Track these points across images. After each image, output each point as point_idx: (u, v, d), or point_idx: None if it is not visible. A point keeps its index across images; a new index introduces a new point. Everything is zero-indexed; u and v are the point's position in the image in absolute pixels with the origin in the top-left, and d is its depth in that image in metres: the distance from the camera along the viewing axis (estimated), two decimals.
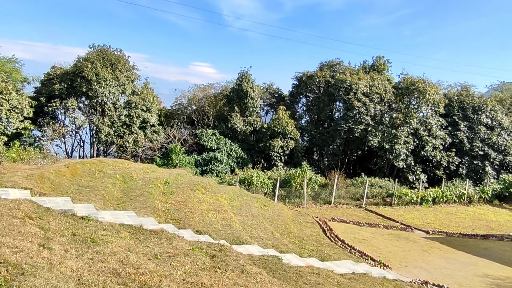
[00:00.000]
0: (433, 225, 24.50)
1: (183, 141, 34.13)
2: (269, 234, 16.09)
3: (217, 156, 30.55)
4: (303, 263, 13.10)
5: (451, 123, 37.49)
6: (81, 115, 30.96)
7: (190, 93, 38.15)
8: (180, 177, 21.63)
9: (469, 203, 30.97)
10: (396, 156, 33.52)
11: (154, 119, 32.07)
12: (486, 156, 36.25)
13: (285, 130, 33.00)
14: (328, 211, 25.97)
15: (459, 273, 16.29)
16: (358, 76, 35.90)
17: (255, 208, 20.62)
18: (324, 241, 18.28)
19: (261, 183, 27.41)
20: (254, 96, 34.78)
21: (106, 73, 30.27)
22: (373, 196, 29.89)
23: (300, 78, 38.59)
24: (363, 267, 14.64)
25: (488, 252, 19.64)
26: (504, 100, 42.44)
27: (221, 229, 14.54)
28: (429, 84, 36.12)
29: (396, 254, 18.10)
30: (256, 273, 9.66)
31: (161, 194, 16.87)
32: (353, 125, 34.15)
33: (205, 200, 18.72)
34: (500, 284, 15.45)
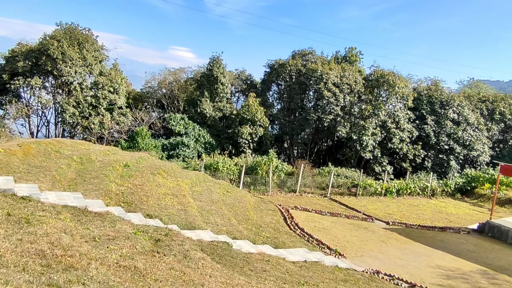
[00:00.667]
0: (395, 216, 24.86)
1: (152, 124, 33.64)
2: (226, 220, 16.00)
3: (185, 141, 30.23)
4: (255, 250, 13.08)
5: (419, 116, 38.01)
6: (45, 94, 30.13)
7: (161, 76, 37.54)
8: (142, 160, 21.28)
9: (432, 196, 31.55)
10: (363, 147, 33.82)
11: (121, 101, 31.47)
12: (451, 151, 36.95)
13: (254, 117, 32.86)
14: (292, 199, 26.04)
15: (412, 264, 16.57)
16: (330, 66, 35.94)
17: (216, 194, 20.47)
18: (283, 229, 18.31)
19: (227, 169, 27.26)
20: (225, 81, 34.46)
21: (72, 52, 29.46)
22: (339, 186, 30.13)
23: (272, 66, 38.42)
24: (316, 256, 14.73)
25: (443, 244, 20.04)
26: (472, 96, 43.25)
27: (176, 213, 14.38)
28: (399, 77, 36.46)
29: (354, 244, 18.28)
30: (199, 259, 9.55)
31: (118, 177, 16.55)
32: (323, 115, 34.25)
33: (165, 184, 18.48)
34: (450, 275, 15.78)
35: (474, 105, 41.77)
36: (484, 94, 45.46)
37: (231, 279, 8.64)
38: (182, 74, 38.31)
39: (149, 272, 7.39)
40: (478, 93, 45.77)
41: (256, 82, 40.13)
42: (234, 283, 8.41)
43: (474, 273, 16.30)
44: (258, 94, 37.13)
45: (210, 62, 34.51)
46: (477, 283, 15.15)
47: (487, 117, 42.41)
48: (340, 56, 40.78)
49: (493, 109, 42.64)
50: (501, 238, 21.67)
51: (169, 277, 7.44)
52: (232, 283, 8.37)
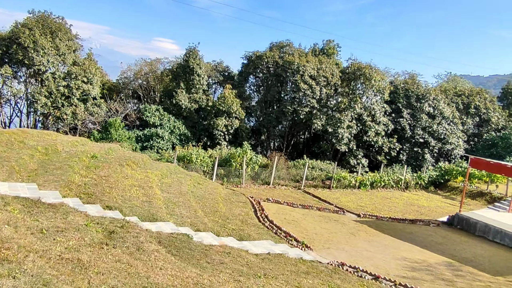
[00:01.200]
0: (366, 208, 25.02)
1: (127, 116, 33.20)
2: (192, 212, 15.85)
3: (159, 132, 29.89)
4: (217, 242, 12.98)
5: (395, 110, 38.26)
6: (17, 84, 29.41)
7: (137, 67, 37.03)
8: (111, 151, 20.94)
9: (405, 189, 31.84)
10: (339, 140, 33.92)
11: (95, 92, 30.90)
12: (426, 144, 37.32)
13: (230, 109, 32.64)
14: (265, 192, 25.99)
15: (379, 256, 16.67)
16: (307, 58, 35.84)
17: (186, 186, 20.29)
18: (252, 221, 18.24)
19: (200, 161, 27.05)
20: (201, 73, 34.12)
21: (45, 41, 28.76)
22: (313, 178, 30.19)
23: (250, 57, 38.16)
24: (281, 248, 14.70)
25: (412, 236, 20.23)
26: (448, 90, 43.69)
27: (139, 205, 14.18)
28: (375, 70, 36.59)
29: (322, 236, 18.32)
30: (153, 251, 9.40)
31: (84, 168, 16.25)
32: (299, 107, 34.21)
33: (133, 176, 18.23)
34: (415, 267, 15.93)
35: (450, 99, 42.23)
36: (460, 88, 45.99)
37: (182, 272, 8.51)
38: (159, 65, 37.85)
39: (93, 265, 7.22)
40: (455, 87, 46.26)
41: (233, 74, 39.85)
42: (185, 276, 8.29)
43: (439, 265, 16.50)
44: (235, 86, 36.88)
45: (186, 53, 34.11)
46: (441, 275, 15.32)
47: (462, 111, 42.93)
48: (318, 48, 40.73)
49: (469, 103, 43.19)
50: (469, 230, 21.97)
51: (113, 270, 7.27)
52: (183, 276, 8.24)
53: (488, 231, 21.06)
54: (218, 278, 9.16)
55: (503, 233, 20.41)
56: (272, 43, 39.42)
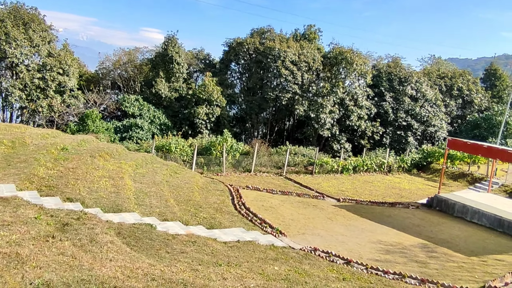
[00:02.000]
0: (347, 193, 24.92)
1: (106, 107, 32.74)
2: (162, 202, 15.59)
3: (138, 122, 29.48)
4: (184, 231, 12.76)
5: (378, 93, 38.08)
6: None
7: (115, 56, 36.42)
8: (84, 143, 20.59)
9: (388, 172, 31.79)
10: (321, 125, 33.71)
11: (72, 83, 30.33)
12: (409, 127, 37.24)
13: (210, 97, 32.24)
14: (246, 179, 25.78)
15: (354, 240, 16.56)
16: (288, 44, 35.45)
17: (162, 176, 20.02)
18: (227, 209, 18.03)
19: (180, 150, 26.75)
20: (180, 61, 33.61)
21: (17, 32, 28.09)
22: (295, 164, 30.02)
23: (231, 44, 37.68)
24: (252, 235, 14.52)
25: (390, 219, 20.15)
26: (432, 73, 43.53)
27: (105, 196, 13.89)
28: (357, 54, 36.31)
29: (299, 222, 18.16)
30: (106, 242, 9.15)
31: (52, 161, 15.89)
32: (280, 94, 33.91)
33: (105, 167, 17.91)
34: (389, 249, 15.84)
35: (433, 82, 42.08)
36: (443, 71, 45.86)
37: (133, 263, 8.27)
38: (137, 54, 37.27)
39: (32, 259, 6.95)
40: (438, 69, 46.10)
41: (215, 62, 39.37)
42: (135, 267, 8.04)
43: (414, 247, 16.42)
44: (216, 73, 36.44)
45: (165, 42, 33.56)
46: (415, 257, 15.24)
47: (445, 93, 42.83)
48: (299, 34, 40.27)
49: (452, 85, 43.09)
50: (448, 211, 21.96)
51: (53, 263, 7.01)
52: (132, 267, 8.00)
53: (466, 211, 21.05)
54: (174, 268, 8.93)
55: (481, 214, 20.40)
56: (253, 29, 38.98)
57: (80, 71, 35.56)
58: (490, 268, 14.90)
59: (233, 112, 39.35)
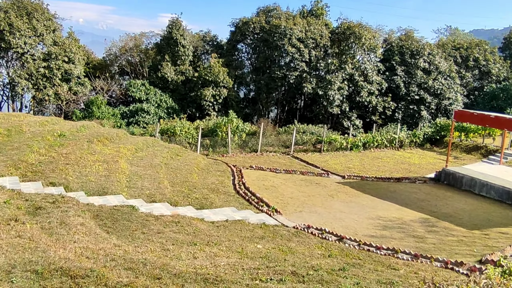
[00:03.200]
0: (354, 169, 24.46)
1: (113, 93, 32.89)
2: (155, 184, 15.54)
3: (144, 107, 29.52)
4: (170, 212, 12.68)
5: (389, 68, 37.05)
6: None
7: (122, 42, 36.40)
8: (84, 129, 20.71)
9: (400, 147, 31.08)
10: (330, 102, 33.06)
11: (78, 71, 30.48)
12: (422, 101, 36.20)
13: (217, 79, 31.97)
14: (251, 159, 25.59)
15: (352, 216, 16.23)
16: (294, 21, 34.69)
17: (161, 158, 19.98)
18: (224, 189, 17.89)
19: (185, 133, 26.69)
20: (186, 44, 33.34)
21: (20, 22, 28.30)
22: (304, 143, 29.62)
23: (237, 24, 37.16)
24: (243, 214, 14.36)
25: (394, 195, 19.68)
26: (446, 44, 42.07)
27: (94, 180, 13.91)
28: (366, 28, 35.29)
29: (298, 199, 17.92)
30: (77, 224, 9.11)
31: (45, 147, 15.98)
32: (288, 72, 33.33)
33: (102, 151, 17.97)
34: (388, 225, 15.46)
35: (448, 53, 40.67)
36: (459, 42, 44.24)
37: (98, 244, 8.21)
38: (144, 39, 37.16)
39: None
40: (454, 40, 44.51)
41: (223, 43, 38.94)
42: (98, 247, 7.96)
43: (414, 222, 15.99)
44: (223, 55, 36.07)
45: (169, 25, 33.31)
46: (413, 232, 14.84)
47: (461, 64, 41.39)
48: (306, 10, 39.29)
49: (467, 56, 41.57)
50: (455, 185, 21.32)
51: (7, 246, 6.96)
52: (96, 248, 7.92)
53: (474, 184, 20.38)
54: (143, 248, 8.84)
55: (489, 186, 19.72)
56: (259, 8, 38.33)
57: (88, 58, 35.74)
58: (492, 242, 14.38)
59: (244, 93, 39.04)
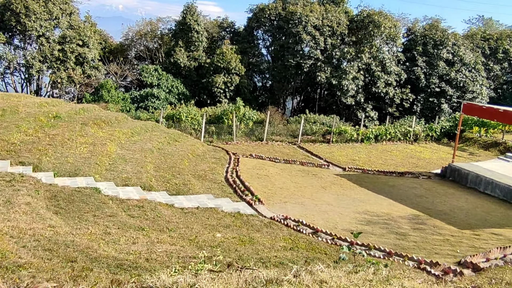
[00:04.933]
0: (358, 162, 23.77)
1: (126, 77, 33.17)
2: (137, 168, 15.47)
3: (154, 92, 29.58)
4: (139, 196, 12.57)
5: (410, 58, 35.67)
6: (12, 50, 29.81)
7: (139, 27, 36.56)
8: (83, 111, 20.86)
9: (414, 141, 29.98)
10: (344, 92, 32.14)
11: (92, 54, 30.82)
12: (443, 93, 34.69)
13: (228, 66, 31.64)
14: (254, 148, 25.24)
15: (339, 209, 15.72)
16: (311, 7, 33.83)
17: (156, 143, 19.93)
18: (212, 176, 17.67)
19: (191, 119, 26.60)
20: (200, 29, 33.11)
21: (36, 6, 28.78)
22: (313, 133, 29.00)
23: (254, 10, 36.60)
24: (218, 202, 14.11)
25: (391, 190, 18.96)
26: (475, 35, 40.11)
27: (71, 162, 13.94)
28: (386, 16, 34.02)
29: (288, 190, 17.52)
30: (21, 204, 9.09)
31: (35, 128, 16.17)
32: (302, 60, 32.60)
33: (95, 134, 18.05)
34: (372, 220, 14.89)
35: (476, 45, 38.78)
36: (489, 32, 42.11)
37: (32, 224, 8.14)
38: (160, 25, 37.17)
39: None
40: (484, 31, 42.39)
41: (240, 30, 38.49)
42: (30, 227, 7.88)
43: (402, 218, 15.34)
44: (239, 41, 35.66)
45: (183, 10, 33.15)
46: (398, 228, 14.23)
47: (489, 56, 39.42)
48: None
49: (497, 48, 39.52)
50: (461, 182, 20.36)
51: None
52: (27, 227, 7.84)
53: (480, 182, 19.39)
54: (84, 230, 8.73)
55: (494, 184, 18.70)
56: None
57: (106, 42, 36.12)
58: (481, 243, 13.62)
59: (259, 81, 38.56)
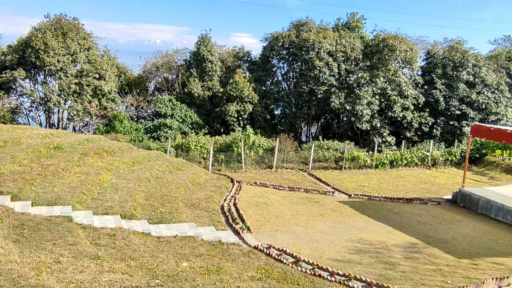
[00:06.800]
0: (367, 188, 23.03)
1: (142, 108, 33.87)
2: (125, 197, 15.43)
3: (167, 122, 30.00)
4: (115, 225, 12.48)
5: (428, 81, 34.76)
6: (32, 85, 31.12)
7: (156, 59, 37.47)
8: (87, 142, 21.26)
9: (432, 166, 28.84)
10: (358, 117, 31.52)
11: (109, 87, 31.77)
12: (464, 116, 33.45)
13: (241, 94, 31.79)
14: (262, 176, 24.92)
15: (331, 238, 15.11)
16: (324, 34, 33.75)
17: (156, 172, 19.96)
18: (206, 204, 17.43)
19: (200, 148, 26.70)
20: (213, 59, 33.61)
21: (55, 42, 30.10)
22: (326, 159, 28.45)
23: (269, 39, 36.88)
24: (200, 230, 13.81)
25: (394, 217, 18.15)
26: (500, 55, 38.78)
27: (56, 191, 14.04)
28: (402, 40, 33.48)
29: (283, 218, 17.06)
30: None
31: (31, 158, 16.50)
32: (315, 86, 32.35)
33: (93, 164, 18.29)
34: (364, 249, 14.19)
35: (500, 65, 37.44)
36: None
37: None
38: (176, 56, 37.98)
39: None
40: (509, 51, 40.93)
41: (256, 59, 38.79)
42: None
43: (397, 247, 14.56)
44: (254, 70, 35.94)
45: (198, 41, 33.85)
46: (389, 258, 13.50)
47: None
48: (341, 23, 38.22)
49: None
50: (471, 207, 19.30)
51: None
52: None
53: (491, 207, 18.30)
54: (34, 259, 8.67)
55: (505, 210, 17.59)
56: (291, 22, 37.77)
57: (125, 75, 37.18)
58: (477, 273, 12.70)
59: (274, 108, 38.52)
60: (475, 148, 29.67)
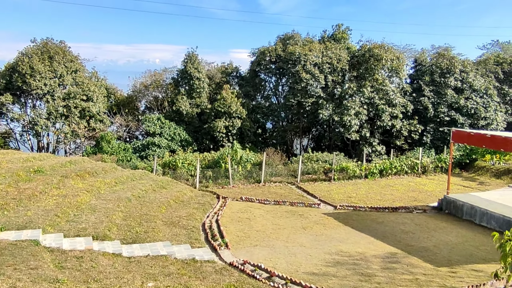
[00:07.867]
0: (354, 199, 22.88)
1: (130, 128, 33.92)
2: (101, 218, 15.32)
3: (155, 140, 30.00)
4: (85, 246, 12.36)
5: (416, 88, 34.75)
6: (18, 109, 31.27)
7: (144, 79, 37.69)
8: (70, 164, 21.23)
9: (422, 174, 28.68)
10: (347, 128, 31.45)
11: (97, 108, 31.87)
12: (453, 122, 33.34)
13: (229, 110, 31.82)
14: (250, 190, 24.78)
15: (309, 251, 14.93)
16: (310, 46, 33.89)
17: (138, 191, 19.85)
18: (186, 222, 17.28)
19: (187, 165, 26.64)
20: (201, 76, 33.73)
21: (41, 66, 30.26)
22: (314, 172, 28.34)
23: (256, 54, 37.05)
24: (173, 249, 13.67)
25: (378, 227, 17.98)
26: (488, 60, 38.81)
27: (30, 214, 13.96)
28: (387, 49, 33.56)
29: (263, 233, 16.91)
30: None
31: (9, 183, 16.49)
32: (302, 99, 32.36)
33: (73, 186, 18.22)
34: (341, 261, 14.01)
35: (489, 70, 37.43)
36: (503, 56, 40.65)
37: None
38: (164, 75, 38.17)
39: None
40: (498, 55, 40.98)
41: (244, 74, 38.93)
42: None
43: (376, 258, 14.37)
44: (242, 85, 36.05)
45: (184, 59, 34.03)
46: (366, 269, 13.30)
47: (504, 81, 37.86)
48: (327, 35, 38.41)
49: (510, 71, 37.95)
50: (457, 214, 19.13)
51: None
52: None
53: (475, 213, 18.11)
54: None
55: (489, 215, 17.40)
56: (278, 36, 37.96)
57: (114, 95, 37.31)
58: (454, 281, 12.50)
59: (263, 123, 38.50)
60: (465, 153, 29.53)
